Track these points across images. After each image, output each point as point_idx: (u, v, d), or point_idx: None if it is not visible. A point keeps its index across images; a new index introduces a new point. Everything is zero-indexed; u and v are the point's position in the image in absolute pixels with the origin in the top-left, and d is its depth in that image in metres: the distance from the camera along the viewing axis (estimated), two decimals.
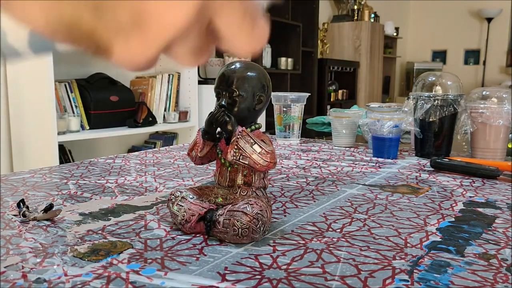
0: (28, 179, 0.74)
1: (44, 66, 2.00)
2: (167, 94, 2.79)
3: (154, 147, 2.82)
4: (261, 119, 3.34)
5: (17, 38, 0.27)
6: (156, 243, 0.46)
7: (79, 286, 0.36)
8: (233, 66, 0.50)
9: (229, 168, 0.50)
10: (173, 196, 0.51)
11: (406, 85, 6.92)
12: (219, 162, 0.52)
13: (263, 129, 3.26)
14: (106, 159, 0.93)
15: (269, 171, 0.80)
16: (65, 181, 0.74)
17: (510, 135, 0.96)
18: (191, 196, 0.50)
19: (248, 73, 0.50)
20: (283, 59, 4.12)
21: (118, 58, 0.24)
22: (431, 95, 0.96)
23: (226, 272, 0.39)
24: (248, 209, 0.45)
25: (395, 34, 6.28)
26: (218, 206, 0.48)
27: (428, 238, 0.48)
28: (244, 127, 0.49)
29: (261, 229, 0.46)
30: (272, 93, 1.22)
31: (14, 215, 0.55)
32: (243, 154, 0.47)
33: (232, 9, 0.25)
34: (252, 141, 0.47)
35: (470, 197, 0.67)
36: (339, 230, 0.51)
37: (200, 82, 2.94)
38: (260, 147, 0.47)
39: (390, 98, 6.43)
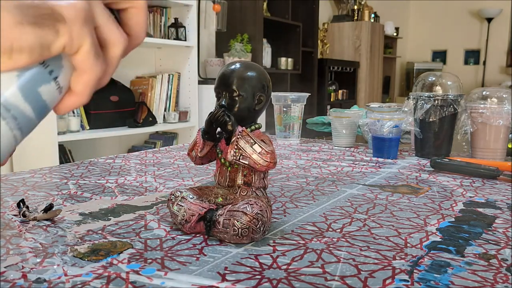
0: (28, 179, 0.74)
1: None
2: (167, 94, 2.79)
3: (154, 147, 2.82)
4: (261, 119, 3.33)
5: None
6: (156, 243, 0.46)
7: (79, 286, 0.36)
8: (233, 66, 0.50)
9: (229, 168, 0.50)
10: (173, 196, 0.51)
11: (406, 85, 6.92)
12: (219, 162, 0.52)
13: (263, 129, 3.25)
14: (106, 159, 0.93)
15: (269, 171, 0.80)
16: (65, 181, 0.74)
17: (510, 135, 0.96)
18: (191, 196, 0.50)
19: (248, 73, 0.50)
20: (283, 59, 4.12)
21: None
22: (431, 95, 0.96)
23: (226, 272, 0.39)
24: (248, 209, 0.45)
25: (395, 34, 6.28)
26: (218, 206, 0.48)
27: (428, 238, 0.48)
28: (244, 127, 0.49)
29: (261, 229, 0.46)
30: (272, 93, 1.22)
31: (14, 215, 0.55)
32: (243, 154, 0.47)
33: None
34: (252, 141, 0.47)
35: (470, 197, 0.67)
36: (339, 230, 0.51)
37: (200, 82, 2.94)
38: (260, 147, 0.47)
39: (390, 98, 6.43)
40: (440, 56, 7.00)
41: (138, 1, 0.34)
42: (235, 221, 0.45)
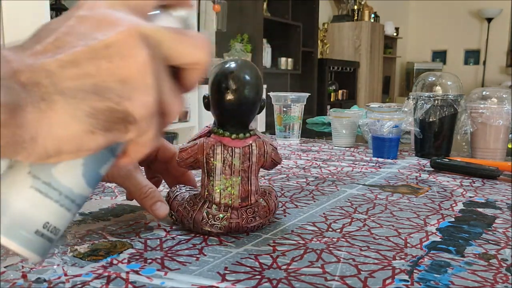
0: None
1: None
2: None
3: None
4: (261, 119, 3.33)
5: None
6: (156, 243, 0.46)
7: (79, 286, 0.36)
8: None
9: None
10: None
11: (406, 85, 6.93)
12: None
13: (263, 129, 3.26)
14: None
15: (269, 171, 0.80)
16: None
17: (510, 135, 0.96)
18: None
19: None
20: (283, 59, 4.12)
21: None
22: (431, 95, 0.96)
23: (226, 272, 0.39)
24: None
25: (395, 34, 6.29)
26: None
27: (428, 238, 0.48)
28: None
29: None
30: (272, 93, 1.22)
31: None
32: None
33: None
34: None
35: (470, 197, 0.67)
36: (339, 230, 0.51)
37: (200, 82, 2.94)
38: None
39: (390, 98, 6.43)
40: (440, 56, 7.01)
41: (203, 62, 0.32)
42: None
